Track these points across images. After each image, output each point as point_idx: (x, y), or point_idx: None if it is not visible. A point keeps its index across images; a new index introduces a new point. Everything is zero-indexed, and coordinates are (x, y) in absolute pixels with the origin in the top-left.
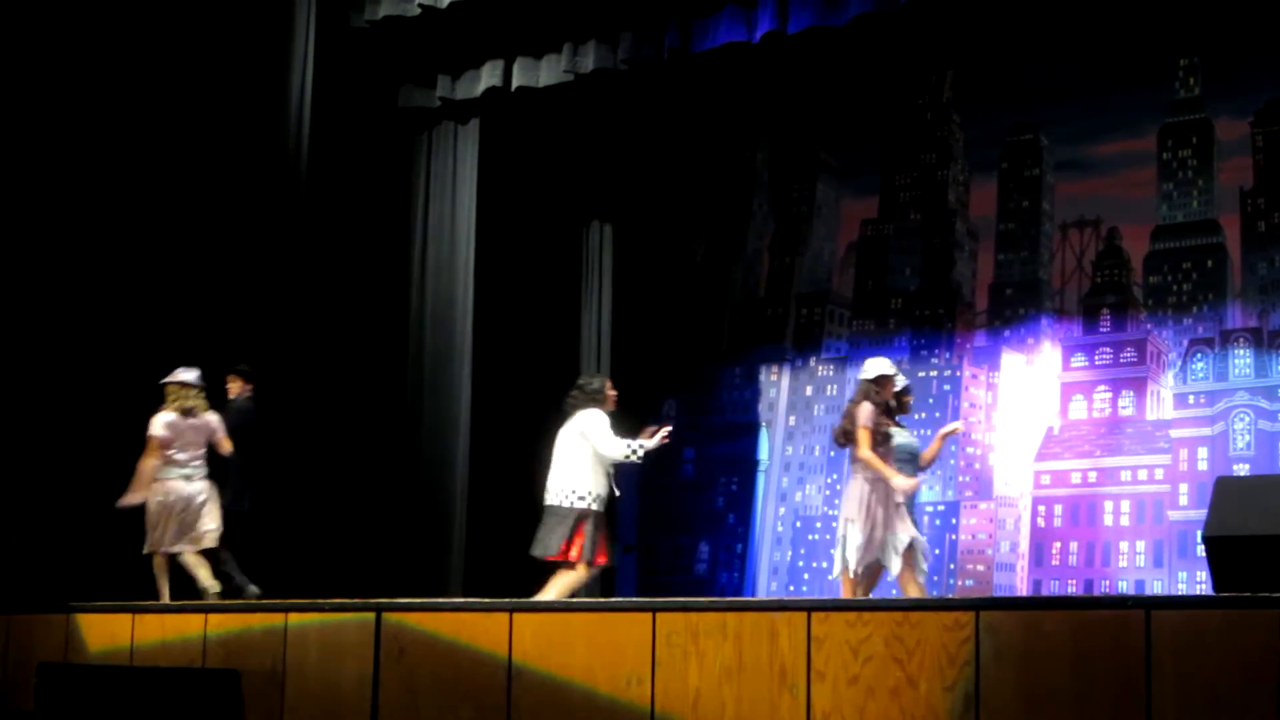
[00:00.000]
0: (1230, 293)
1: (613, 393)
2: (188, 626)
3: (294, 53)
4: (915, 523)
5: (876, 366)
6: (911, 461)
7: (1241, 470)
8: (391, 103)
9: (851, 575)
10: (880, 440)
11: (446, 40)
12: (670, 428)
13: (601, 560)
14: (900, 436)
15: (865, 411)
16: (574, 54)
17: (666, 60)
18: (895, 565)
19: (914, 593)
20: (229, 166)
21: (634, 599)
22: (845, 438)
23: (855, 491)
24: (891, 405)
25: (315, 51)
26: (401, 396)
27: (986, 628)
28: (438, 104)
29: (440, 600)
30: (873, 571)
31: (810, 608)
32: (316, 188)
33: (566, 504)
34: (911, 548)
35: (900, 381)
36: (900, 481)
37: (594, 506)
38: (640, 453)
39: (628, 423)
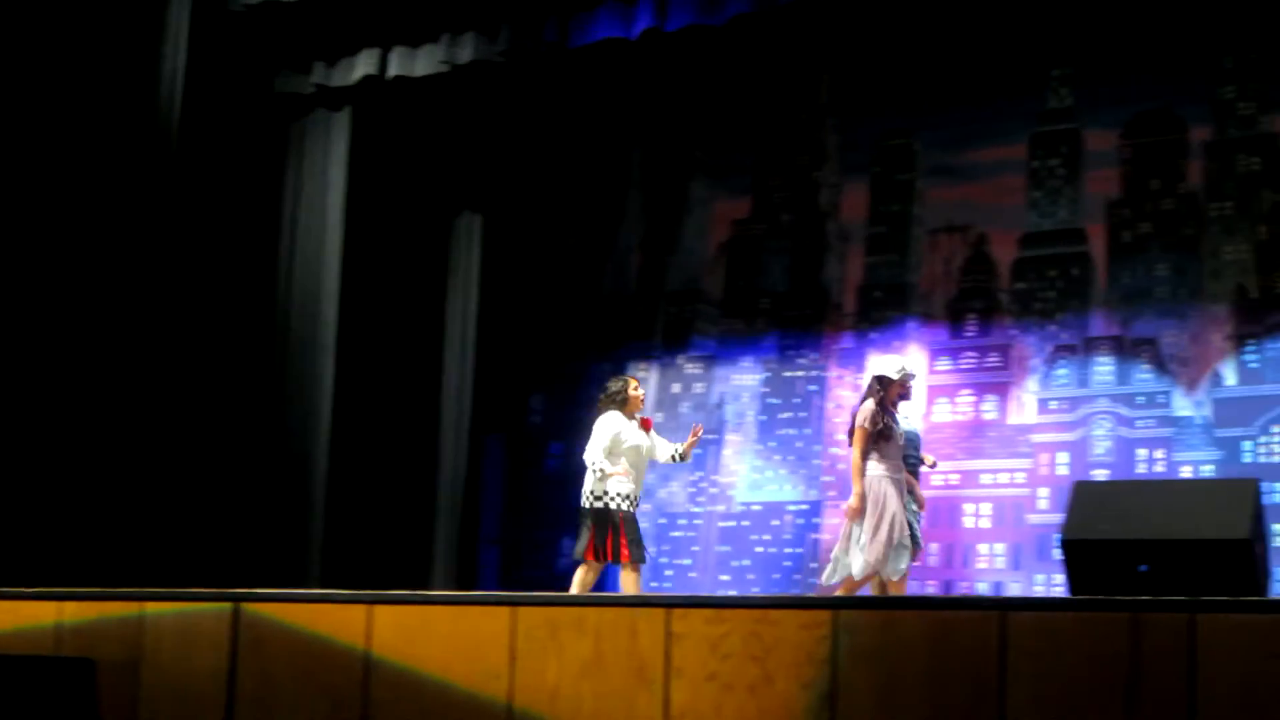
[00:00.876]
0: (1094, 301)
1: (636, 394)
2: (41, 615)
3: (168, 34)
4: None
5: (885, 367)
6: (915, 455)
7: (1100, 476)
8: (266, 88)
9: (858, 578)
10: (883, 436)
11: (324, 27)
12: (700, 427)
13: (621, 558)
14: (903, 425)
15: (864, 411)
16: (452, 45)
17: (544, 54)
18: (895, 573)
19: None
20: (97, 148)
21: (493, 593)
22: (849, 437)
23: (866, 491)
24: (893, 399)
25: (190, 33)
26: (265, 385)
27: (844, 627)
28: (312, 90)
29: (299, 592)
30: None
31: (670, 604)
32: (186, 172)
33: (585, 505)
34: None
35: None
36: (853, 501)
37: (612, 506)
38: (601, 475)
39: (494, 417)
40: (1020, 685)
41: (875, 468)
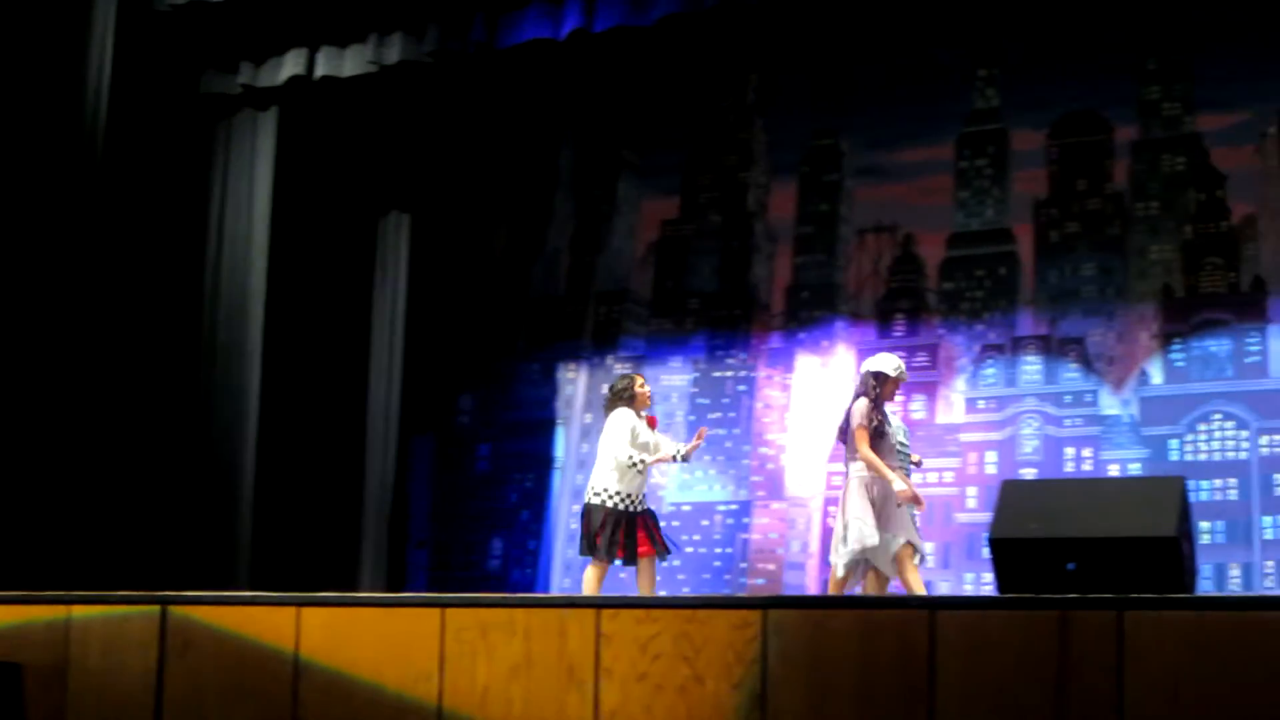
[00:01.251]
0: (1022, 300)
1: (643, 390)
2: None
3: (93, 33)
4: (912, 519)
5: (881, 363)
6: (904, 453)
7: (1028, 474)
8: (192, 88)
9: (840, 575)
10: (878, 434)
11: (250, 27)
12: (705, 430)
13: (621, 556)
14: (894, 421)
15: (859, 409)
16: (379, 45)
17: (472, 54)
18: (889, 568)
19: (918, 590)
20: (21, 149)
21: (423, 594)
22: (842, 435)
23: (855, 490)
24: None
25: (116, 33)
26: (191, 387)
27: (773, 627)
28: (239, 91)
29: (227, 594)
30: (860, 571)
31: (599, 605)
32: (112, 172)
33: (595, 501)
34: (910, 547)
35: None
36: (900, 485)
37: (619, 505)
38: (641, 466)
39: (422, 418)
40: (949, 684)
41: (862, 468)
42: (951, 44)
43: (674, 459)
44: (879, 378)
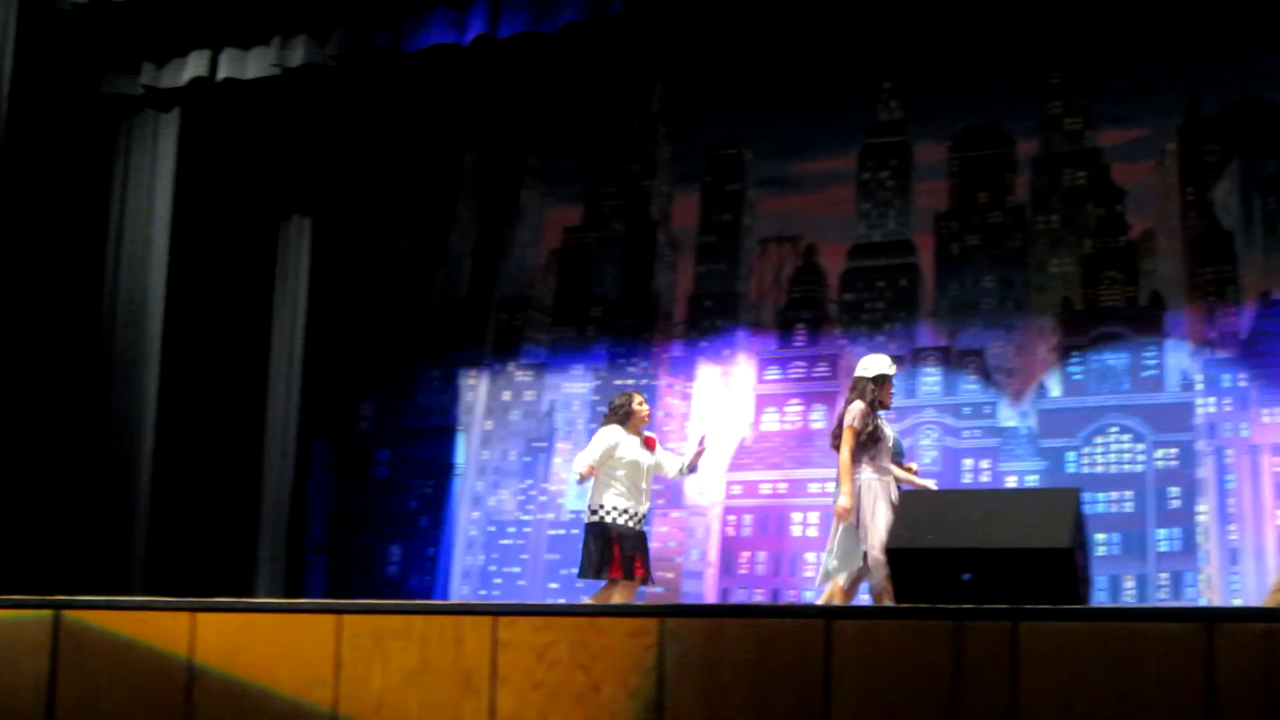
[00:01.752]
0: (922, 312)
1: (641, 409)
2: None
3: None
4: None
5: (877, 365)
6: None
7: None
8: (94, 88)
9: (844, 585)
10: (873, 439)
11: (153, 27)
12: (705, 438)
13: (614, 575)
14: (887, 429)
15: (855, 411)
16: (283, 48)
17: (376, 58)
18: (876, 576)
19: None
20: None
21: (319, 601)
22: (835, 439)
23: (880, 497)
24: (882, 402)
25: (17, 32)
26: (89, 389)
27: (670, 635)
28: (141, 91)
29: (121, 599)
30: (855, 579)
31: (496, 612)
32: (11, 172)
33: (591, 520)
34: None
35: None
36: (844, 501)
37: (607, 520)
38: (578, 478)
39: (322, 423)
40: (845, 693)
41: (865, 471)
42: (856, 56)
43: (681, 472)
44: (878, 380)
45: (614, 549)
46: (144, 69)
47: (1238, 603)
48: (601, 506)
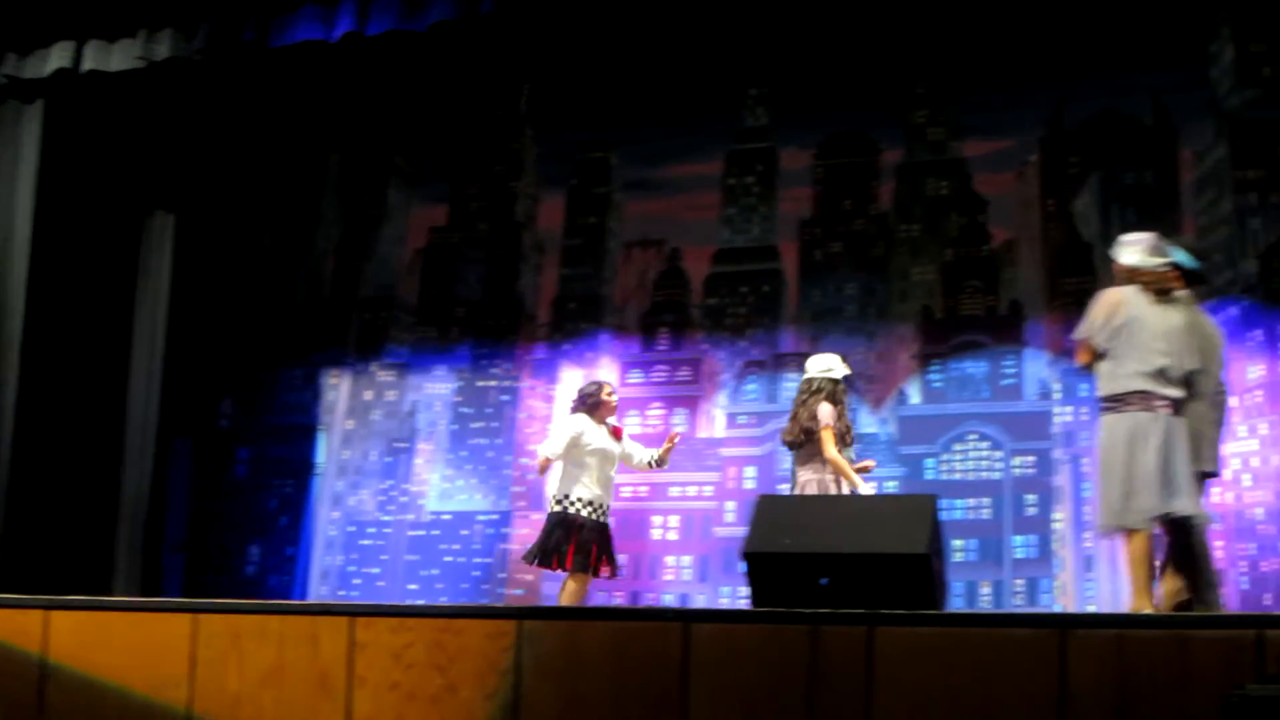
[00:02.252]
0: (785, 318)
1: (609, 399)
2: None
3: None
4: None
5: (837, 365)
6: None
7: (786, 490)
8: None
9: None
10: (845, 441)
11: (16, 16)
12: (678, 433)
13: (567, 565)
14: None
15: (827, 411)
16: (149, 41)
17: (243, 54)
18: None
19: None
20: None
21: (174, 600)
22: (806, 436)
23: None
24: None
25: None
26: None
27: (528, 637)
28: (3, 82)
29: None
30: None
31: (353, 613)
32: None
33: (554, 509)
34: None
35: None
36: (865, 486)
37: (570, 511)
38: (541, 465)
39: (182, 421)
40: (702, 695)
41: (827, 472)
42: (723, 62)
43: (649, 465)
44: (846, 380)
45: (571, 541)
46: (6, 59)
47: (1092, 609)
48: (566, 496)
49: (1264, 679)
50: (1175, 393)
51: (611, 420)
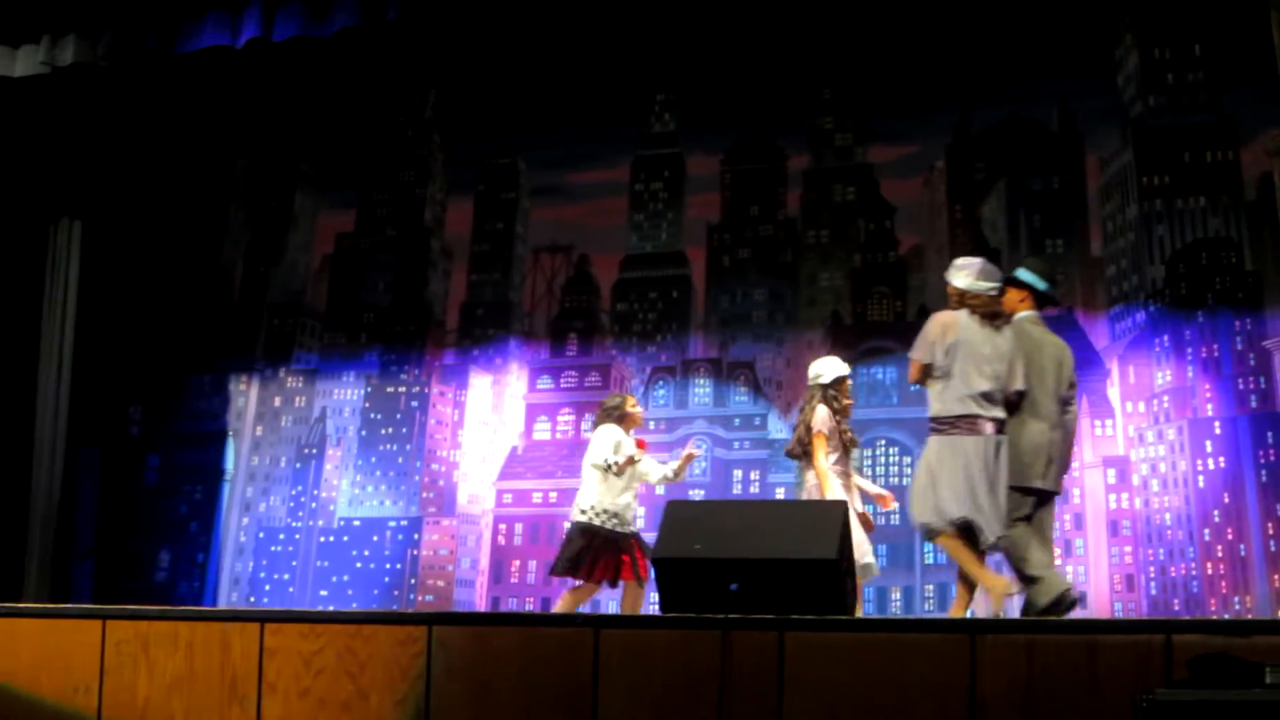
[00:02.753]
0: (694, 323)
1: (635, 411)
2: None
3: None
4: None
5: (832, 368)
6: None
7: (698, 495)
8: None
9: None
10: (840, 448)
11: None
12: (696, 443)
13: (605, 578)
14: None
15: (821, 416)
16: (52, 46)
17: (148, 59)
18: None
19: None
20: None
21: (83, 605)
22: (802, 447)
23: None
24: (843, 406)
25: None
26: None
27: (438, 642)
28: None
29: None
30: None
31: (263, 619)
32: None
33: (580, 520)
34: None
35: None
36: (835, 491)
37: (596, 522)
38: (615, 469)
39: (91, 428)
40: (613, 701)
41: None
42: (629, 68)
43: (666, 479)
44: (836, 383)
45: (596, 553)
46: None
47: (1002, 614)
48: (591, 507)
49: (1173, 684)
50: (1000, 414)
51: (633, 433)
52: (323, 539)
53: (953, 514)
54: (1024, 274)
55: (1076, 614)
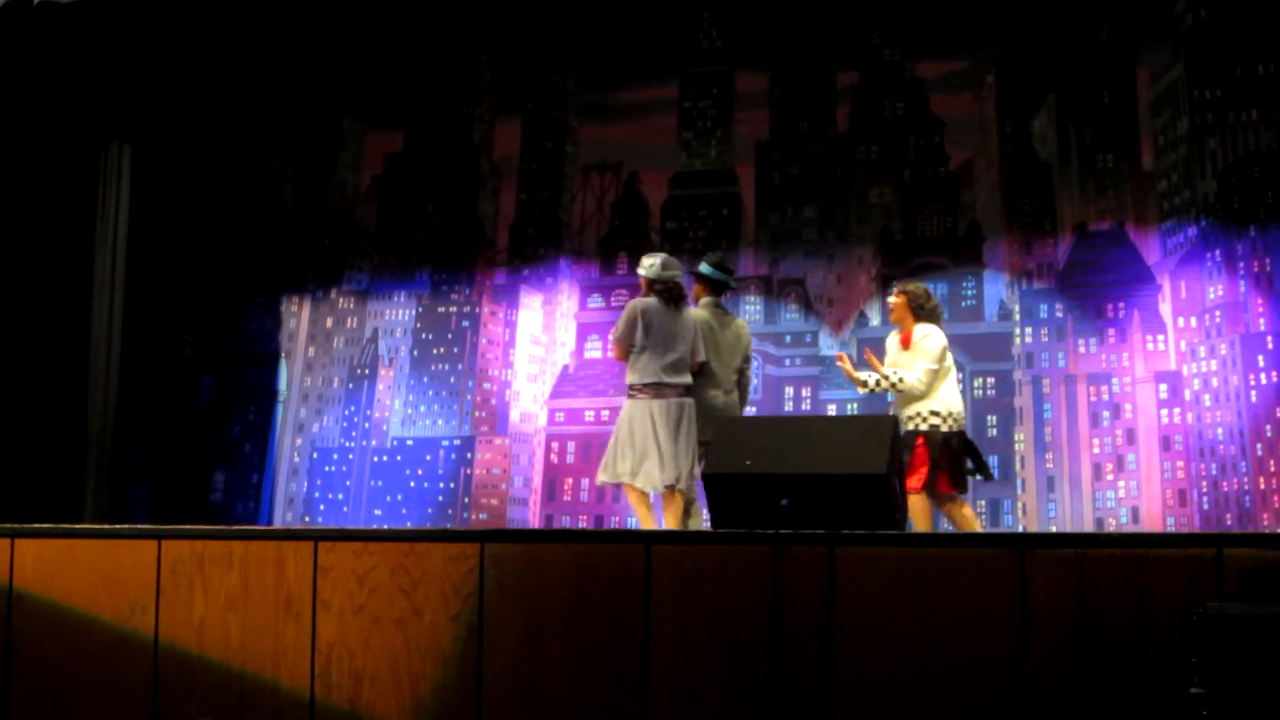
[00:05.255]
0: (744, 241)
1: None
2: None
3: None
4: None
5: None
6: None
7: (748, 413)
8: None
9: None
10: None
11: None
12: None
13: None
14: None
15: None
16: None
17: None
18: None
19: None
20: None
21: (139, 526)
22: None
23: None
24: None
25: None
26: None
27: (491, 559)
28: None
29: None
30: None
31: (317, 537)
32: None
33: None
34: None
35: None
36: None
37: (942, 427)
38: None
39: (145, 351)
40: (663, 616)
41: None
42: None
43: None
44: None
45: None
46: None
47: (1053, 529)
48: (935, 412)
49: (1223, 597)
50: (685, 380)
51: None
52: (376, 459)
53: (657, 480)
54: (703, 269)
55: (1129, 528)
